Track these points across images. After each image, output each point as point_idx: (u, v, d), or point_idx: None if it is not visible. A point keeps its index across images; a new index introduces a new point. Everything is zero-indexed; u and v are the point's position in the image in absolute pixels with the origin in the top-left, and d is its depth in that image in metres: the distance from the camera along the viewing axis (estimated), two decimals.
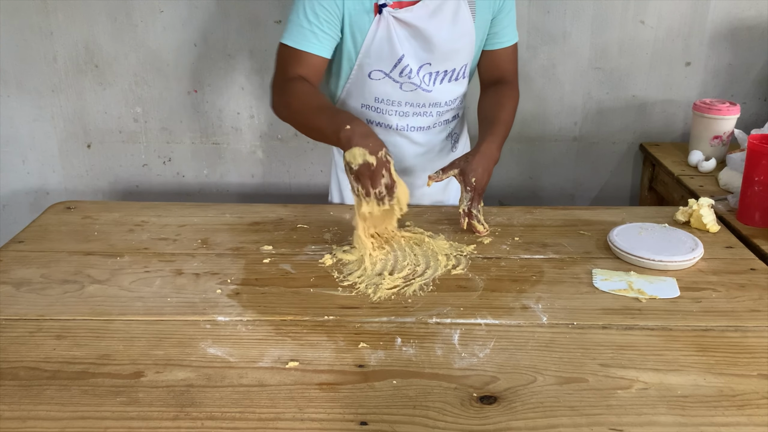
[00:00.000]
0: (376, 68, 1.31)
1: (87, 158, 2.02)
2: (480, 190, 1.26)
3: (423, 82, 1.34)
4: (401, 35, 1.28)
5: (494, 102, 1.39)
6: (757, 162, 1.27)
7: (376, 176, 1.07)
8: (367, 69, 1.32)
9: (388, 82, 1.33)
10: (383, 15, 1.25)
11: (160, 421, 0.78)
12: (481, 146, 1.29)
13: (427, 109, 1.38)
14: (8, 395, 0.82)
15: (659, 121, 1.98)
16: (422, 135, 1.42)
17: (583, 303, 1.04)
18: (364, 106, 1.38)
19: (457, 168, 1.26)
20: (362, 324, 0.98)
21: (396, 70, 1.31)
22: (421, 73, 1.33)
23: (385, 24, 1.26)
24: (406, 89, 1.34)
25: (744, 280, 1.10)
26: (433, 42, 1.29)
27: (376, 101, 1.36)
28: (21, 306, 1.02)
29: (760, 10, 1.85)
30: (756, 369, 0.87)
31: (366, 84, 1.34)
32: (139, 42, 1.88)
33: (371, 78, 1.33)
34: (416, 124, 1.40)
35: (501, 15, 1.35)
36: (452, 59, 1.34)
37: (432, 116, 1.40)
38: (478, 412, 0.79)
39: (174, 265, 1.16)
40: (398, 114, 1.38)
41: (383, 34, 1.27)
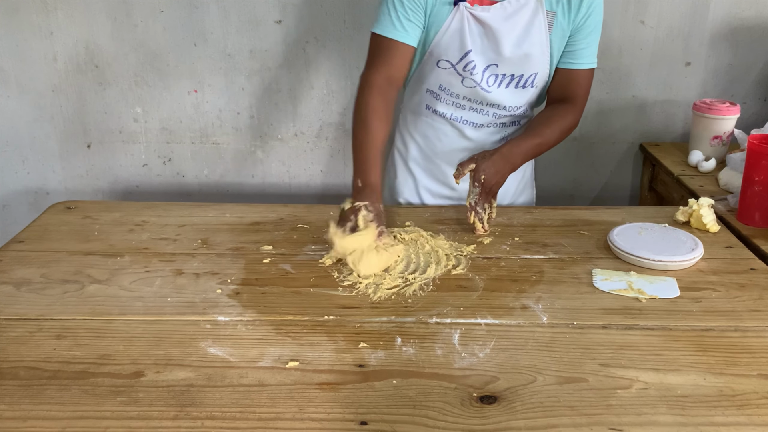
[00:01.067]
0: (444, 58, 1.35)
1: (87, 158, 2.02)
2: (488, 188, 1.27)
3: (485, 82, 1.36)
4: (474, 31, 1.31)
5: (546, 116, 1.39)
6: (757, 162, 1.27)
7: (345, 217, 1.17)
8: (436, 57, 1.35)
9: (452, 73, 1.36)
10: (459, 8, 1.29)
11: (160, 421, 0.78)
12: (504, 148, 1.30)
13: (485, 107, 1.40)
14: (8, 395, 0.82)
15: (659, 121, 1.98)
16: (473, 130, 1.44)
17: (583, 303, 1.04)
18: (428, 91, 1.43)
19: (474, 163, 1.28)
20: (362, 324, 0.98)
21: (461, 63, 1.34)
22: (486, 73, 1.35)
23: (459, 17, 1.30)
24: (467, 84, 1.37)
25: (744, 280, 1.11)
26: (502, 44, 1.31)
27: (439, 88, 1.40)
28: (21, 306, 1.02)
29: (760, 10, 1.85)
30: (756, 369, 0.87)
31: (433, 70, 1.38)
32: (139, 42, 1.88)
33: (439, 66, 1.37)
34: (470, 118, 1.42)
35: (580, 35, 1.34)
36: (520, 65, 1.34)
37: (488, 116, 1.42)
38: (478, 412, 0.79)
39: (174, 265, 1.16)
40: (455, 105, 1.41)
41: (456, 27, 1.31)
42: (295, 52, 1.89)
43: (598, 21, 1.35)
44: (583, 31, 1.34)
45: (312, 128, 1.99)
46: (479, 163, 1.28)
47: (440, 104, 1.42)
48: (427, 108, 1.44)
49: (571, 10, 1.31)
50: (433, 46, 1.34)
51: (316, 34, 1.87)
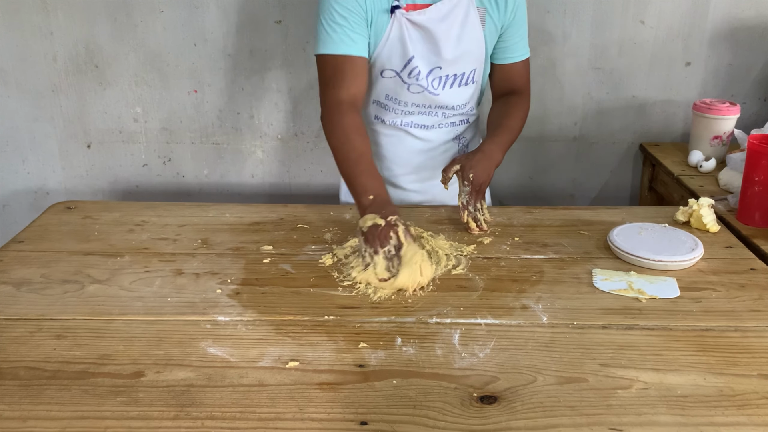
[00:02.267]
0: (388, 67, 1.34)
1: (87, 158, 2.02)
2: (478, 187, 1.27)
3: (431, 86, 1.36)
4: (414, 37, 1.31)
5: (503, 110, 1.42)
6: (757, 162, 1.27)
7: (384, 235, 1.08)
8: (379, 67, 1.35)
9: (397, 82, 1.36)
10: (396, 16, 1.28)
11: (161, 421, 0.78)
12: (483, 146, 1.32)
13: (433, 110, 1.41)
14: (8, 395, 0.82)
15: (659, 121, 1.98)
16: (425, 132, 1.44)
17: (583, 303, 1.04)
18: (375, 102, 1.42)
19: (458, 164, 1.29)
20: (362, 324, 0.98)
21: (405, 71, 1.34)
22: (430, 78, 1.35)
23: (398, 25, 1.29)
24: (414, 91, 1.37)
25: (744, 280, 1.11)
26: (441, 45, 1.31)
27: (385, 98, 1.40)
28: (21, 306, 1.02)
29: (760, 10, 1.85)
30: (756, 369, 0.87)
31: (378, 81, 1.37)
32: (139, 42, 1.88)
33: (383, 76, 1.36)
34: (420, 122, 1.43)
35: (511, 29, 1.37)
36: (460, 63, 1.36)
37: (437, 116, 1.42)
38: (478, 412, 0.79)
39: (174, 265, 1.16)
40: (404, 113, 1.41)
41: (396, 34, 1.30)
42: (295, 52, 1.89)
43: (524, 12, 1.39)
44: (514, 25, 1.37)
45: (312, 128, 1.99)
46: (465, 162, 1.28)
47: (389, 114, 1.42)
48: (376, 118, 1.44)
49: (499, 6, 1.34)
50: (376, 57, 1.33)
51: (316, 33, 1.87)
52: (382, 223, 1.09)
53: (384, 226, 1.09)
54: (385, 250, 1.08)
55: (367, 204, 1.15)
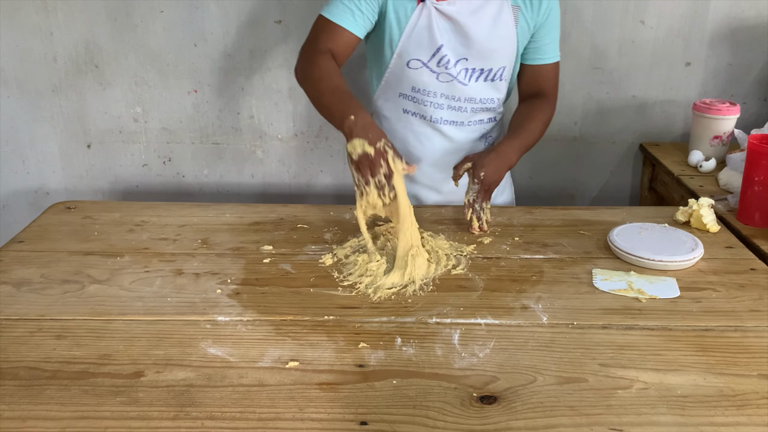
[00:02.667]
0: (414, 57, 1.34)
1: (87, 158, 2.02)
2: (487, 186, 1.28)
3: (459, 75, 1.36)
4: (441, 26, 1.31)
5: (525, 113, 1.42)
6: (757, 162, 1.27)
7: (375, 165, 1.09)
8: (406, 57, 1.35)
9: (425, 72, 1.36)
10: (426, 4, 1.29)
11: (160, 421, 0.78)
12: (499, 147, 1.33)
13: (462, 103, 1.40)
14: (8, 395, 0.82)
15: (659, 121, 1.98)
16: (454, 130, 1.44)
17: (583, 303, 1.04)
18: (402, 95, 1.42)
19: (470, 161, 1.30)
20: (362, 324, 0.98)
21: (434, 60, 1.34)
22: (458, 67, 1.35)
23: (426, 13, 1.30)
24: (443, 80, 1.37)
25: (744, 280, 1.11)
26: (471, 38, 1.32)
27: (413, 90, 1.40)
28: (21, 306, 1.02)
29: (760, 10, 1.85)
30: (756, 369, 0.87)
31: (404, 72, 1.37)
32: (139, 42, 1.88)
33: (410, 67, 1.36)
34: (450, 117, 1.42)
35: (543, 31, 1.38)
36: (489, 59, 1.36)
37: (466, 112, 1.42)
38: (478, 412, 0.79)
39: (174, 265, 1.16)
40: (433, 105, 1.41)
41: (424, 23, 1.30)
42: (295, 52, 1.88)
43: (557, 14, 1.39)
44: (546, 26, 1.38)
45: (312, 128, 1.99)
46: (477, 161, 1.28)
47: (418, 106, 1.42)
48: (405, 112, 1.44)
49: (533, 6, 1.34)
50: (402, 46, 1.33)
51: None
52: (371, 151, 1.08)
53: (375, 154, 1.08)
54: (375, 180, 1.09)
55: (351, 126, 1.11)
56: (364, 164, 1.09)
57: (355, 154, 1.09)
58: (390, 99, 1.44)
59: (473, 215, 1.27)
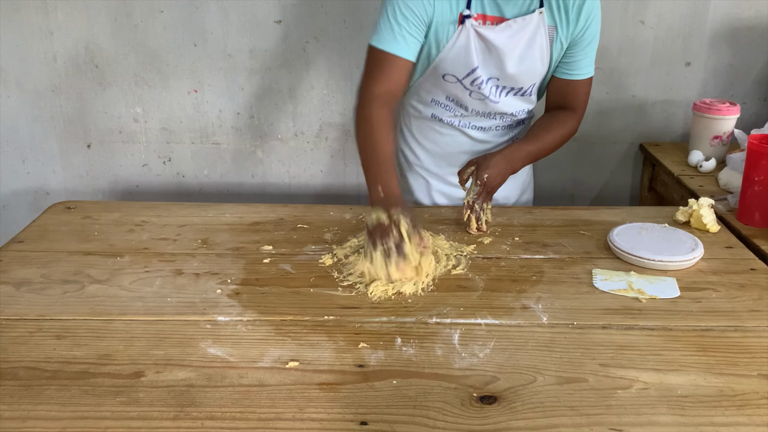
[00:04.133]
0: (450, 72, 1.34)
1: (87, 158, 2.02)
2: (489, 188, 1.28)
3: (491, 94, 1.36)
4: (478, 48, 1.30)
5: (546, 122, 1.41)
6: (757, 162, 1.27)
7: (386, 232, 1.09)
8: (441, 71, 1.35)
9: (458, 87, 1.36)
10: (465, 26, 1.28)
11: (160, 421, 0.78)
12: (507, 150, 1.32)
13: (492, 115, 1.42)
14: (8, 395, 0.82)
15: (659, 121, 1.98)
16: (480, 133, 1.45)
17: (583, 303, 1.04)
18: (434, 101, 1.42)
19: (474, 165, 1.30)
20: (362, 324, 0.98)
21: (468, 79, 1.34)
22: (489, 84, 1.35)
23: (465, 34, 1.29)
24: (475, 97, 1.37)
25: (744, 280, 1.10)
26: (505, 62, 1.31)
27: (446, 99, 1.40)
28: (21, 306, 1.02)
29: (760, 10, 1.85)
30: (756, 369, 0.87)
31: (440, 82, 1.37)
32: (139, 42, 1.88)
33: (445, 80, 1.36)
34: (477, 123, 1.43)
35: (579, 46, 1.35)
36: (521, 79, 1.35)
37: (495, 119, 1.43)
38: (478, 412, 0.79)
39: (174, 265, 1.16)
40: (463, 115, 1.42)
41: (462, 43, 1.29)
42: (295, 52, 1.89)
43: (596, 31, 1.35)
44: (582, 42, 1.34)
45: (312, 128, 1.99)
46: (481, 162, 1.29)
47: (447, 113, 1.42)
48: (433, 117, 1.45)
49: (570, 23, 1.32)
50: (438, 62, 1.33)
51: (316, 34, 1.87)
52: (384, 220, 1.10)
53: (387, 222, 1.09)
54: (384, 248, 1.07)
55: (376, 197, 1.15)
56: (375, 231, 1.10)
57: (370, 224, 1.12)
58: (421, 102, 1.44)
59: (472, 215, 1.27)
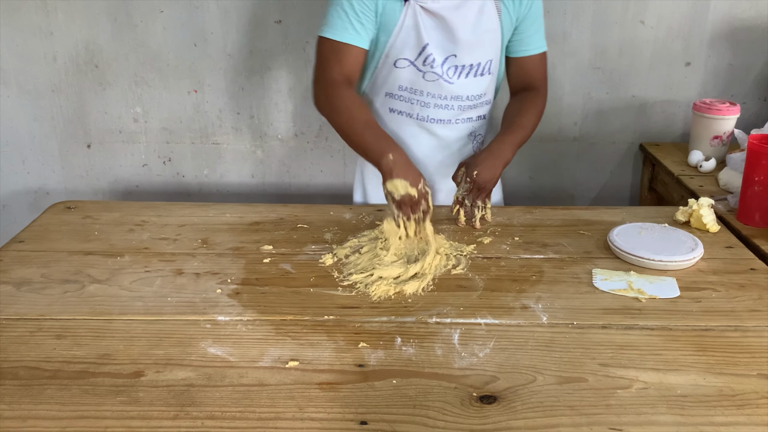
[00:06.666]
0: (401, 56, 1.34)
1: (87, 158, 2.02)
2: (481, 184, 1.28)
3: (446, 74, 1.36)
4: (427, 24, 1.31)
5: (516, 107, 1.43)
6: (757, 162, 1.27)
7: (417, 205, 1.17)
8: (393, 57, 1.35)
9: (412, 71, 1.36)
10: (410, 3, 1.29)
11: (160, 421, 0.78)
12: (491, 145, 1.34)
13: (449, 101, 1.40)
14: (8, 395, 0.82)
15: (659, 121, 1.98)
16: (442, 128, 1.44)
17: (583, 303, 1.04)
18: (388, 95, 1.42)
19: (464, 166, 1.31)
20: (362, 324, 0.98)
21: (420, 59, 1.34)
22: (445, 66, 1.35)
23: (412, 12, 1.30)
24: (429, 79, 1.37)
25: (744, 280, 1.10)
26: (456, 33, 1.32)
27: (399, 89, 1.40)
28: (21, 306, 1.02)
29: (760, 10, 1.85)
30: (756, 369, 0.87)
31: (391, 72, 1.37)
32: (139, 42, 1.88)
33: (396, 66, 1.36)
34: (437, 116, 1.42)
35: (527, 22, 1.38)
36: (476, 52, 1.36)
37: (453, 110, 1.42)
38: (478, 412, 0.79)
39: (174, 264, 1.16)
40: (420, 104, 1.41)
41: (410, 23, 1.31)
42: (295, 52, 1.89)
43: (540, 6, 1.39)
44: (530, 17, 1.38)
45: (312, 128, 1.99)
46: (470, 162, 1.30)
47: (404, 104, 1.41)
48: (391, 111, 1.43)
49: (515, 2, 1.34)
50: (389, 47, 1.33)
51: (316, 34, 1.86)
52: (414, 192, 1.16)
53: (417, 195, 1.16)
54: (416, 217, 1.16)
55: (390, 166, 1.17)
56: (406, 204, 1.16)
57: (397, 194, 1.16)
58: (377, 98, 1.44)
59: (461, 209, 1.29)
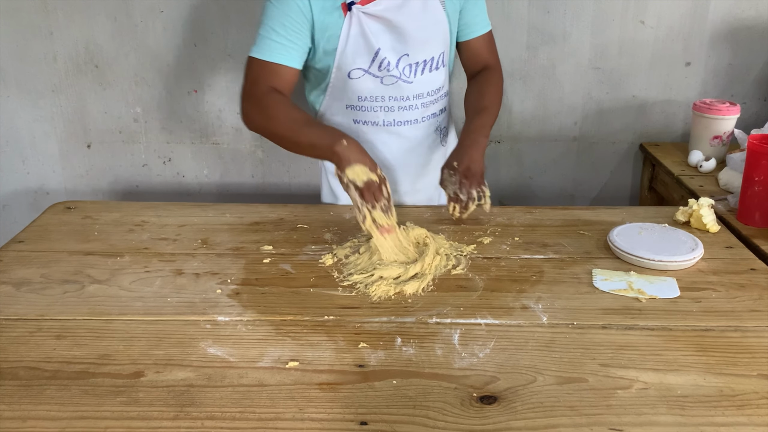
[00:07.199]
0: (354, 67, 1.32)
1: (87, 158, 2.02)
2: (465, 171, 1.27)
3: (403, 74, 1.35)
4: (374, 29, 1.30)
5: (476, 91, 1.43)
6: (757, 162, 1.27)
7: (380, 192, 1.15)
8: (345, 69, 1.33)
9: (368, 79, 1.34)
10: (353, 12, 1.27)
11: (160, 421, 0.78)
12: (462, 139, 1.34)
13: (411, 102, 1.39)
14: (8, 395, 0.82)
15: (659, 121, 1.98)
16: (410, 129, 1.42)
17: (583, 303, 1.04)
18: (349, 107, 1.39)
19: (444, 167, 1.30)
20: (362, 324, 0.98)
21: (374, 65, 1.32)
22: (400, 66, 1.34)
23: (356, 20, 1.28)
24: (387, 83, 1.35)
25: (744, 280, 1.10)
26: (406, 32, 1.31)
27: (359, 100, 1.37)
28: (21, 306, 1.02)
29: (760, 10, 1.85)
30: (756, 369, 0.87)
31: (347, 85, 1.35)
32: (139, 42, 1.88)
33: (351, 77, 1.34)
34: (403, 118, 1.41)
35: (469, 4, 1.39)
36: (428, 47, 1.35)
37: (417, 109, 1.40)
38: (478, 412, 0.79)
39: (174, 265, 1.16)
40: (383, 109, 1.39)
41: (356, 31, 1.29)
42: None
43: None
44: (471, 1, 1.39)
45: None
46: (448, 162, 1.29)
47: (368, 113, 1.39)
48: (356, 122, 1.41)
49: None
50: (339, 59, 1.31)
51: None
52: (375, 177, 1.14)
53: (379, 180, 1.15)
54: (381, 205, 1.14)
55: (344, 151, 1.15)
56: (369, 191, 1.14)
57: (359, 181, 1.14)
58: (337, 113, 1.41)
59: (455, 204, 1.28)
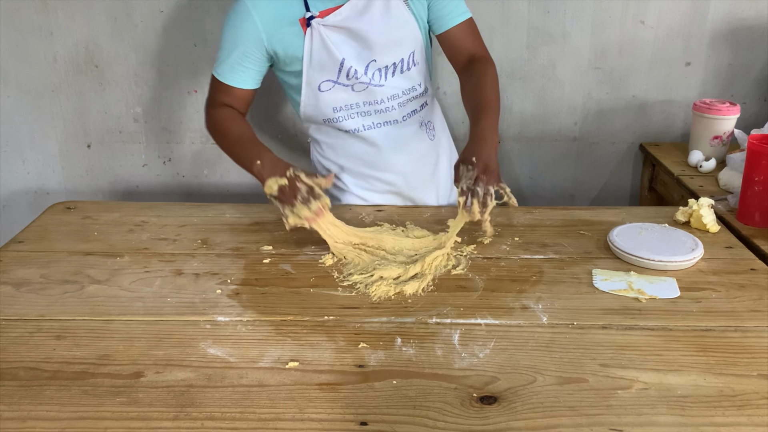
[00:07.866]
0: (323, 79, 1.32)
1: (87, 158, 2.02)
2: (483, 168, 1.14)
3: (373, 80, 1.33)
4: (336, 40, 1.29)
5: (472, 86, 1.34)
6: (757, 162, 1.27)
7: (293, 190, 1.17)
8: (315, 83, 1.33)
9: (339, 89, 1.34)
10: (313, 26, 1.27)
11: (160, 421, 0.78)
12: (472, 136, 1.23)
13: (387, 104, 1.37)
14: (8, 395, 0.82)
15: (659, 121, 1.98)
16: (393, 130, 1.41)
17: (583, 303, 1.04)
18: (326, 120, 1.39)
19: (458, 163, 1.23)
20: (362, 324, 0.98)
21: (342, 75, 1.32)
22: (369, 72, 1.33)
23: (317, 34, 1.27)
24: (358, 89, 1.34)
25: (744, 280, 1.10)
26: (370, 38, 1.29)
27: (334, 111, 1.37)
28: (21, 306, 1.02)
29: (760, 10, 1.85)
30: (756, 369, 0.87)
31: (320, 98, 1.35)
32: (139, 42, 1.88)
33: (321, 90, 1.34)
34: (382, 120, 1.39)
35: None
36: (395, 51, 1.33)
37: (395, 110, 1.39)
38: (478, 412, 0.79)
39: (174, 265, 1.16)
40: (360, 115, 1.38)
41: (318, 45, 1.28)
42: None
43: None
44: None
45: None
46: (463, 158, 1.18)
47: (348, 122, 1.38)
48: (338, 132, 1.41)
49: None
50: (306, 75, 1.31)
51: None
52: (285, 182, 1.17)
53: (289, 183, 1.17)
54: (300, 198, 1.16)
55: (259, 170, 1.21)
56: (284, 194, 1.17)
57: (273, 192, 1.18)
58: (319, 129, 1.43)
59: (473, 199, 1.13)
